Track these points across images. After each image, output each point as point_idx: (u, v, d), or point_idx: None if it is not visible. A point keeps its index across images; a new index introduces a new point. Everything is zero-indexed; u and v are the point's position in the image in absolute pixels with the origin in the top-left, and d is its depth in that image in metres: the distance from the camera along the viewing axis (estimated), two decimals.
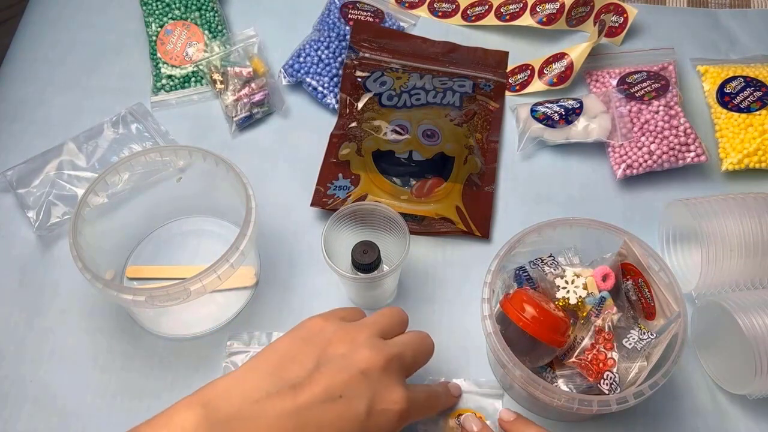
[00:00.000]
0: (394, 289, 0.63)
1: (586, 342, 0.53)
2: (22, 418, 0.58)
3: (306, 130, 0.74)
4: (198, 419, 0.41)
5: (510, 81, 0.78)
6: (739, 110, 0.72)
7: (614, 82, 0.74)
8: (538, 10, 0.80)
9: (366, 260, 0.57)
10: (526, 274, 0.58)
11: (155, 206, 0.66)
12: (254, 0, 0.85)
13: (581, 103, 0.72)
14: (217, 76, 0.75)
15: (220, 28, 0.79)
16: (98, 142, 0.71)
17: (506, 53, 0.80)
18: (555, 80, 0.76)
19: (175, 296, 0.52)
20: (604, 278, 0.56)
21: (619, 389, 0.52)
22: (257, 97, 0.74)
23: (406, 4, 0.85)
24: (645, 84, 0.73)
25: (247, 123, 0.74)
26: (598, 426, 0.58)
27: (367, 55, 0.78)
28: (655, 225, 0.67)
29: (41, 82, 0.78)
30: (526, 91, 0.77)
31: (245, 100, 0.73)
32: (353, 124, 0.72)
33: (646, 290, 0.56)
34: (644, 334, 0.54)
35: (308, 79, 0.75)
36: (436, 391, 0.55)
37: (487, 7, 0.83)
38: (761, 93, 0.72)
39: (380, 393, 0.45)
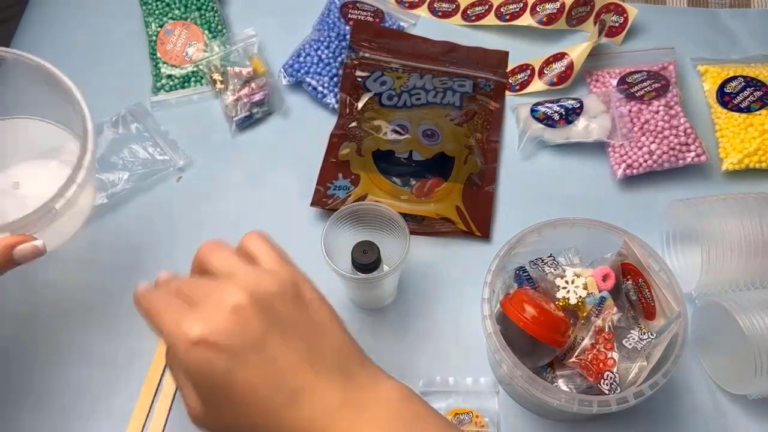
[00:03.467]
0: (394, 289, 0.63)
1: (586, 342, 0.53)
2: (23, 418, 0.58)
3: (306, 130, 0.74)
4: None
5: (510, 81, 0.78)
6: (740, 110, 0.72)
7: (614, 82, 0.74)
8: (538, 9, 0.80)
9: (366, 260, 0.56)
10: (526, 274, 0.58)
11: None
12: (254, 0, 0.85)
13: (581, 102, 0.72)
14: (216, 76, 0.75)
15: (219, 27, 0.79)
16: (98, 142, 0.71)
17: (506, 53, 0.80)
18: (555, 80, 0.76)
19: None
20: (605, 278, 0.56)
21: (619, 389, 0.52)
22: (257, 97, 0.73)
23: (406, 4, 0.85)
24: (645, 84, 0.73)
25: (247, 123, 0.74)
26: (598, 426, 0.58)
27: (367, 54, 0.78)
28: (656, 225, 0.67)
29: None
30: (526, 90, 0.77)
31: (245, 100, 0.73)
32: (353, 124, 0.72)
33: (647, 290, 0.56)
34: (644, 334, 0.54)
35: (308, 79, 0.75)
36: None
37: (487, 6, 0.83)
38: (761, 93, 0.72)
39: None
